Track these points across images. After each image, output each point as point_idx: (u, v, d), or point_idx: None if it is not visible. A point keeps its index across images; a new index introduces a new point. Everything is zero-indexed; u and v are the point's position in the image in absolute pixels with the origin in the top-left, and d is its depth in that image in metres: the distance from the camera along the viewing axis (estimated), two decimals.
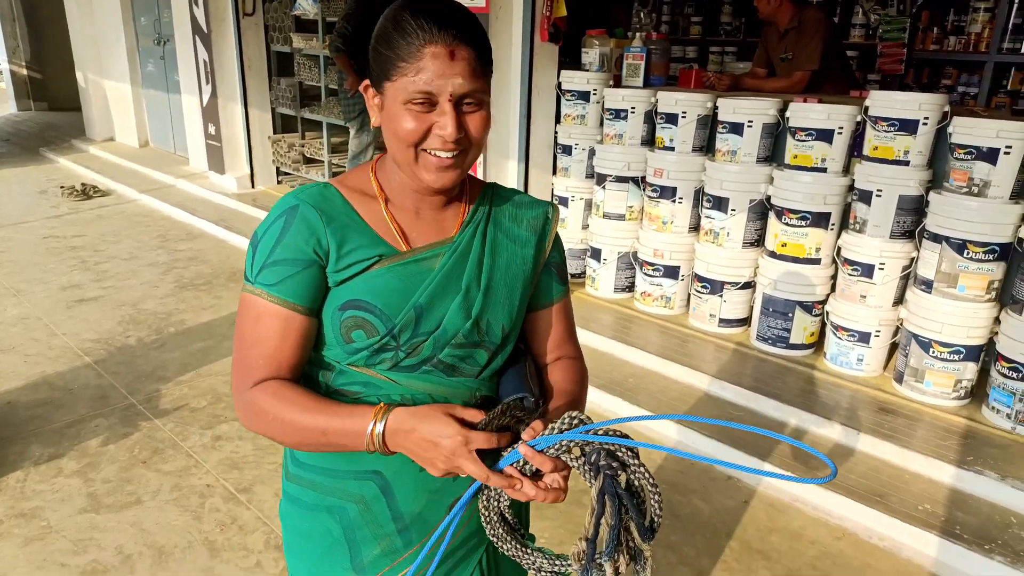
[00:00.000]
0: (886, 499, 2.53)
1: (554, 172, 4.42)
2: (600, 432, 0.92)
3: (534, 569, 1.01)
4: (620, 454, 0.92)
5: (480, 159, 4.34)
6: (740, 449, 2.80)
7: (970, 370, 2.95)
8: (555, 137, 4.34)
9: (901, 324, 3.11)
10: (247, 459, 2.87)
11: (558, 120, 4.31)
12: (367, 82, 1.04)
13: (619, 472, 0.91)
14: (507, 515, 1.01)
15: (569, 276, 1.16)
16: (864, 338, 3.19)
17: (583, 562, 0.90)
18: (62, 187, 7.05)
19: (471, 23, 0.98)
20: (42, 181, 7.53)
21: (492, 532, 1.00)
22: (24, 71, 11.73)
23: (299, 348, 1.04)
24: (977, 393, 3.03)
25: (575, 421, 0.94)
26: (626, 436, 0.93)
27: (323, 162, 6.24)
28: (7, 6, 11.32)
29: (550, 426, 0.95)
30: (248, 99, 6.45)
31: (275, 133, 6.69)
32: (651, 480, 0.92)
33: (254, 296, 1.02)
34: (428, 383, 1.06)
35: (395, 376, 1.05)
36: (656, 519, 0.92)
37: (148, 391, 3.39)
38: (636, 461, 0.92)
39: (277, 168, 6.75)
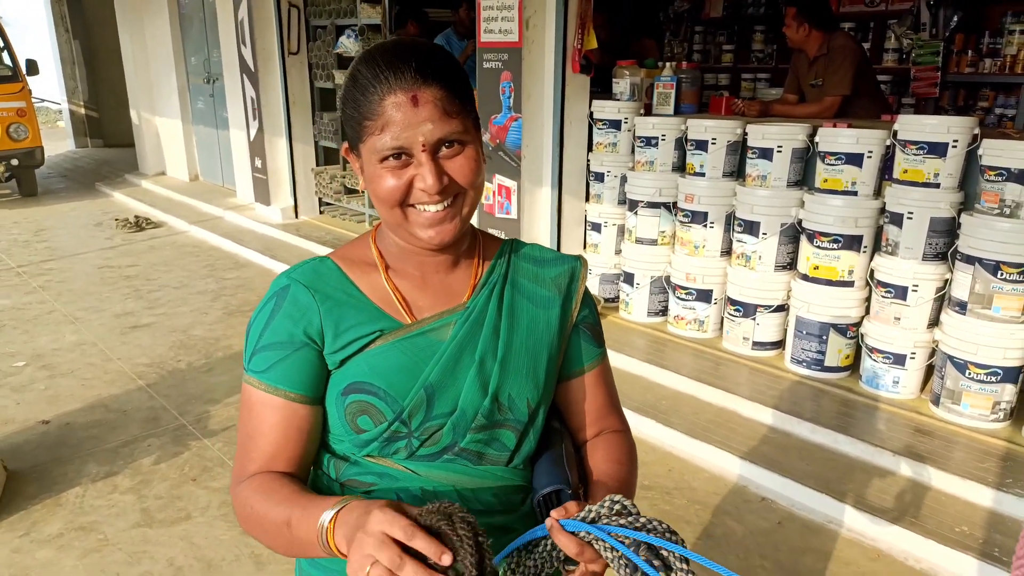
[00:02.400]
0: (922, 521, 2.51)
1: (587, 199, 4.51)
2: (647, 528, 0.78)
3: None
4: (665, 554, 0.77)
5: (514, 187, 4.48)
6: (802, 483, 2.76)
7: (1008, 392, 2.93)
8: (587, 164, 4.44)
9: (936, 346, 3.10)
10: None
11: (590, 148, 4.41)
12: (346, 145, 0.95)
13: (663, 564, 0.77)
14: None
15: (604, 337, 1.11)
16: (899, 360, 3.19)
17: None
18: (116, 219, 7.39)
19: (434, 58, 0.88)
20: (97, 214, 7.90)
21: None
22: (82, 110, 12.35)
23: (297, 441, 0.93)
24: (1017, 415, 2.99)
25: (617, 507, 0.81)
26: (676, 535, 0.79)
27: (363, 192, 6.44)
28: (67, 49, 11.96)
29: (587, 508, 0.81)
30: (293, 133, 6.71)
31: (318, 165, 6.93)
32: None
33: (248, 385, 0.95)
34: (452, 473, 0.94)
35: (414, 466, 0.94)
36: None
37: (198, 412, 3.53)
38: (686, 568, 0.77)
39: (320, 199, 6.97)
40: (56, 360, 4.14)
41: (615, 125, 4.21)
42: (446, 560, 0.71)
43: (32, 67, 8.60)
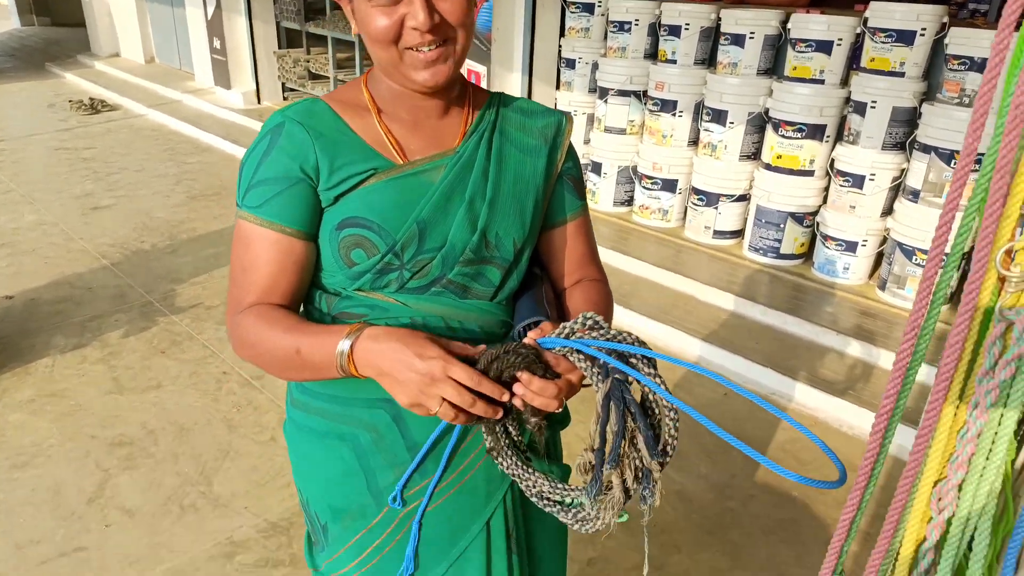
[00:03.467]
0: (858, 392, 2.69)
1: (557, 86, 4.45)
2: (616, 339, 0.84)
3: (534, 494, 0.93)
4: (634, 361, 0.84)
5: (484, 72, 4.38)
6: (750, 359, 2.92)
7: (952, 277, 3.06)
8: (559, 50, 4.35)
9: (887, 234, 3.21)
10: None
11: (562, 33, 4.31)
12: None
13: (630, 380, 0.83)
14: (511, 429, 0.93)
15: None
16: (851, 247, 3.31)
17: (590, 473, 0.82)
18: (70, 101, 7.09)
19: None
20: (49, 96, 7.56)
21: (493, 445, 0.92)
22: None
23: (292, 274, 0.97)
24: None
25: (589, 322, 0.87)
26: (645, 344, 0.84)
27: (328, 78, 6.24)
28: None
29: (562, 325, 0.88)
30: (252, 12, 6.41)
31: (280, 48, 6.67)
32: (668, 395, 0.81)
33: (243, 220, 0.96)
34: (440, 305, 0.99)
35: (404, 298, 0.98)
36: (671, 440, 0.81)
37: (164, 291, 3.55)
38: (652, 371, 0.83)
39: (283, 84, 6.75)
40: (16, 239, 4.09)
41: (588, 8, 4.10)
42: (505, 398, 0.85)
43: None
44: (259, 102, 6.72)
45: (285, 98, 6.83)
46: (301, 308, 1.05)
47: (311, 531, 1.14)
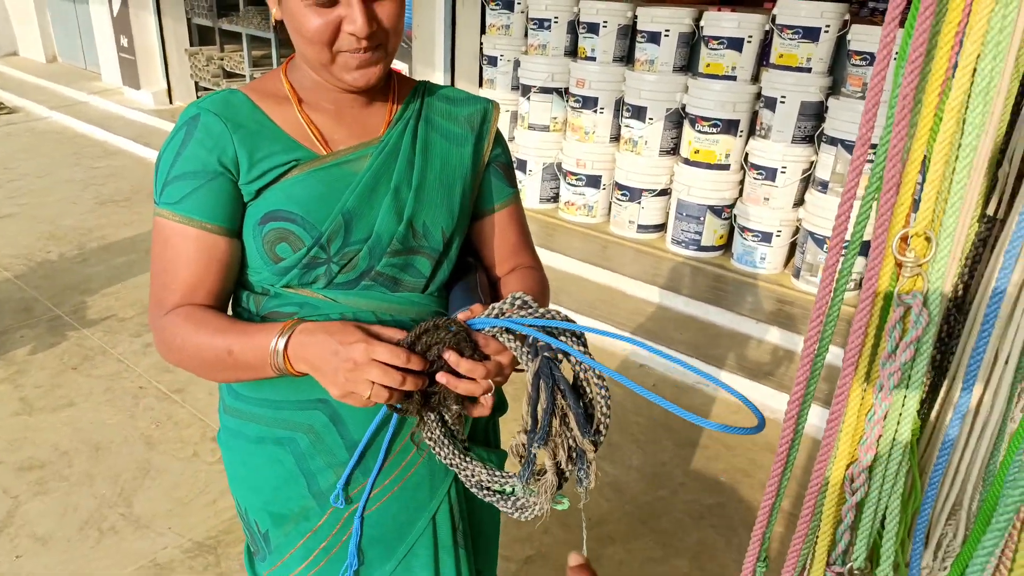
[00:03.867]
0: (779, 377, 2.80)
1: (480, 84, 4.45)
2: (545, 317, 0.83)
3: (473, 484, 0.91)
4: (563, 338, 0.83)
5: (405, 70, 4.34)
6: (675, 349, 2.98)
7: (861, 264, 3.22)
8: (480, 48, 4.35)
9: (800, 224, 3.34)
10: None
11: (484, 31, 4.31)
12: None
13: (560, 359, 0.82)
14: (447, 418, 0.91)
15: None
16: (767, 238, 3.43)
17: (521, 456, 0.81)
18: None
19: None
20: None
21: (429, 435, 0.90)
22: None
23: (216, 272, 0.94)
24: None
25: (518, 301, 0.86)
26: (572, 321, 0.84)
27: (244, 77, 6.06)
28: None
29: (491, 305, 0.87)
30: (161, 8, 6.16)
31: (192, 45, 6.42)
32: (598, 374, 0.81)
33: (161, 218, 0.94)
34: (370, 299, 0.97)
35: (333, 294, 0.96)
36: (603, 419, 0.80)
37: (74, 303, 3.37)
38: (582, 349, 0.82)
39: (196, 83, 6.51)
40: None
41: (508, 6, 4.11)
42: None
43: None
44: (171, 102, 6.46)
45: (199, 96, 6.57)
46: (229, 310, 1.01)
47: (250, 541, 1.11)
